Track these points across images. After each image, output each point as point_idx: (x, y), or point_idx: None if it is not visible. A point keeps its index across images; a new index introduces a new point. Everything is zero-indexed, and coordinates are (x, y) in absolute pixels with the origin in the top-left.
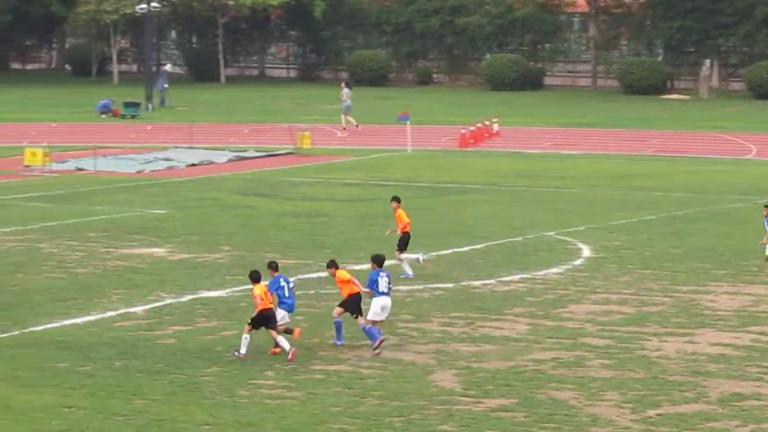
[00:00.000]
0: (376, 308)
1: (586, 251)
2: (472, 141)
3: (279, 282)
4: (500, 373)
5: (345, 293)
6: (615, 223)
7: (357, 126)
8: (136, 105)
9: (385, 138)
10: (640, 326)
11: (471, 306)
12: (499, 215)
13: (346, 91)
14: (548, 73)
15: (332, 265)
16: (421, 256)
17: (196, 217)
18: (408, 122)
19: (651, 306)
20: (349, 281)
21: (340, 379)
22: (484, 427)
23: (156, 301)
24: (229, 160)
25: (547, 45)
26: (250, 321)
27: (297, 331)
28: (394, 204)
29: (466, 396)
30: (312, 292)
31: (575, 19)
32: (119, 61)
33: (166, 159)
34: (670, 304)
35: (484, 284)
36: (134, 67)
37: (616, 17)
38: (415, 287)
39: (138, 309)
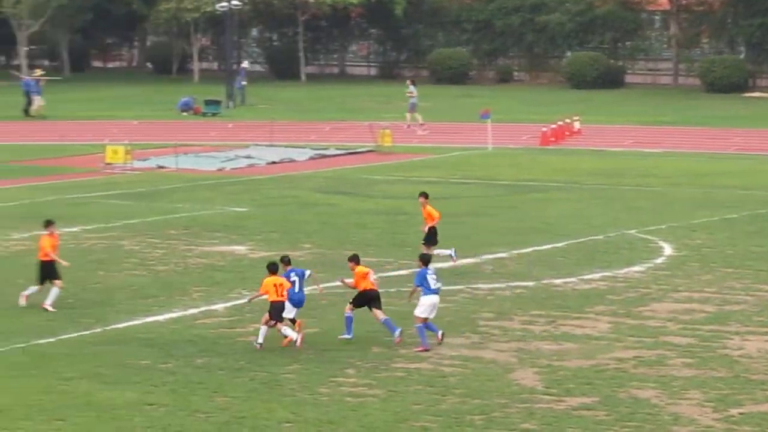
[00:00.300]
0: (426, 305)
1: (668, 250)
2: (553, 139)
3: (290, 276)
4: (582, 372)
5: (360, 288)
6: (697, 221)
7: (421, 125)
8: (217, 103)
9: (465, 136)
10: (722, 325)
11: (552, 304)
12: (580, 213)
13: (411, 88)
14: (629, 71)
15: (353, 259)
16: (453, 252)
17: (277, 214)
18: (489, 120)
19: (733, 305)
20: (366, 276)
21: (421, 377)
22: (565, 426)
23: (237, 298)
24: (310, 158)
25: (627, 43)
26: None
27: (298, 323)
28: (422, 199)
29: (547, 394)
30: (393, 290)
31: (656, 17)
32: (200, 59)
33: (247, 157)
34: (752, 302)
35: (565, 282)
36: (215, 65)
37: (697, 15)
38: (497, 285)
39: (219, 306)
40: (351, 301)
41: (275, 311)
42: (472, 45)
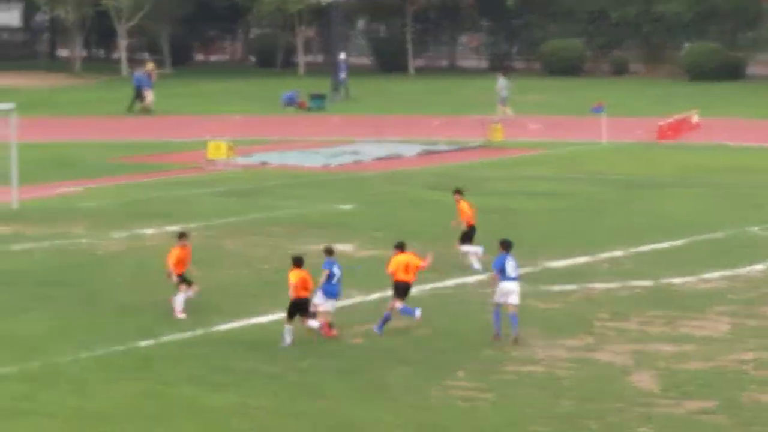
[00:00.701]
0: (501, 291)
1: None
2: (670, 133)
3: (332, 267)
4: (701, 374)
5: (396, 278)
6: None
7: (509, 116)
8: (322, 97)
9: (578, 130)
10: None
11: (670, 304)
12: (699, 210)
13: (502, 81)
14: (750, 63)
15: (399, 247)
16: (480, 250)
17: (384, 212)
18: (602, 114)
19: None
20: (406, 266)
21: (533, 379)
22: (684, 431)
23: (343, 299)
24: (418, 154)
25: (748, 33)
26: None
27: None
28: (456, 196)
29: (665, 398)
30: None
31: None
32: (305, 52)
33: (353, 152)
34: None
35: (685, 282)
36: (320, 58)
37: None
38: (612, 285)
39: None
40: (395, 296)
41: (296, 308)
42: (585, 36)
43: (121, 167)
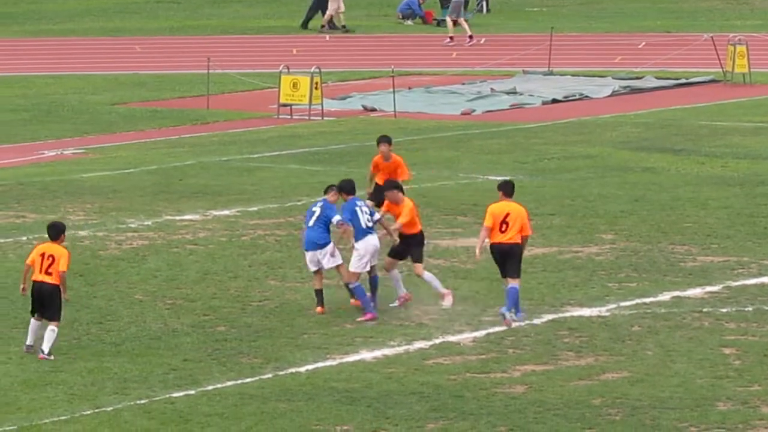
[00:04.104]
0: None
1: None
2: None
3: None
4: None
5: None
6: None
7: None
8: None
9: None
10: None
11: None
12: None
13: None
14: None
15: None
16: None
17: (559, 186)
18: None
19: None
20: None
21: None
22: None
23: (491, 323)
24: (613, 94)
25: None
26: None
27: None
28: None
29: None
30: (750, 308)
31: None
32: None
33: (511, 92)
34: None
35: None
36: None
37: None
38: None
39: (463, 336)
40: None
41: None
42: None
43: (141, 116)
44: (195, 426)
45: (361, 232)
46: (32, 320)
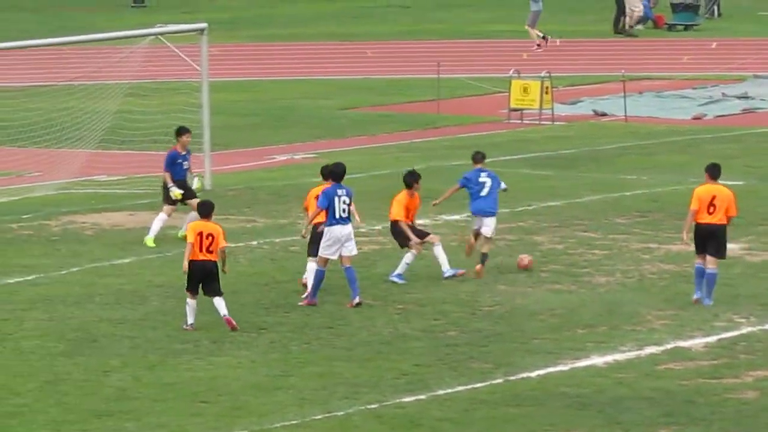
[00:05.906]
0: None
1: None
2: None
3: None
4: None
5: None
6: None
7: None
8: (693, 8)
9: None
10: None
11: None
12: None
13: None
14: None
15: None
16: None
17: None
18: None
19: None
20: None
21: None
22: None
23: (726, 329)
24: None
25: None
26: None
27: None
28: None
29: None
30: None
31: None
32: None
33: (743, 97)
34: None
35: None
36: None
37: None
38: None
39: (696, 342)
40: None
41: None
42: None
43: (371, 120)
44: (425, 431)
45: (333, 220)
46: (189, 300)
